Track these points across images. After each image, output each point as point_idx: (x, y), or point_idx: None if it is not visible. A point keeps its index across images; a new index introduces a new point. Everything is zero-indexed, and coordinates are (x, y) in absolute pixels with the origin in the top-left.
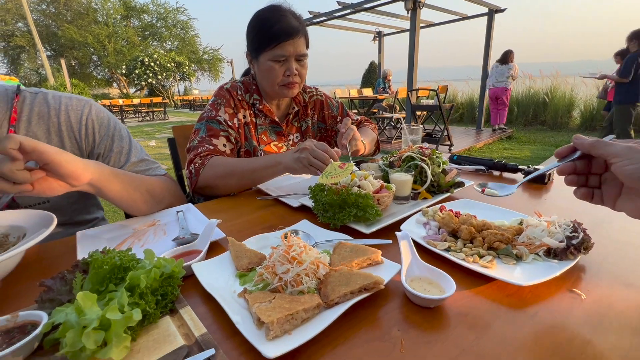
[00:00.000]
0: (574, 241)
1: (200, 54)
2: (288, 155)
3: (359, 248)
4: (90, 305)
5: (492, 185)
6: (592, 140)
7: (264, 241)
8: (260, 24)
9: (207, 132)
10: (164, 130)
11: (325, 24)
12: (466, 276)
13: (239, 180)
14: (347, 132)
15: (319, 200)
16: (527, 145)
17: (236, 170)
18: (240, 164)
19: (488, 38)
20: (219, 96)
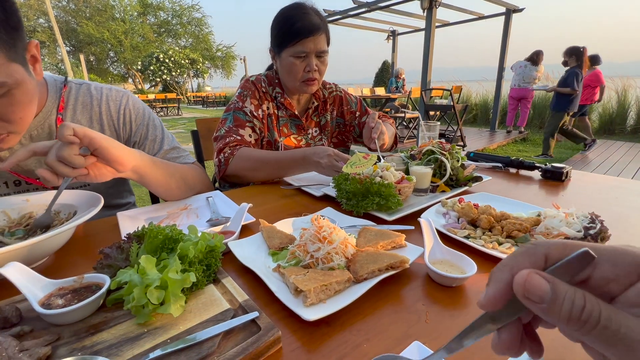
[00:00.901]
0: (591, 231)
1: (213, 51)
2: (310, 159)
3: (384, 232)
4: (151, 268)
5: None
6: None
7: (291, 225)
8: (284, 21)
9: (234, 122)
10: (178, 126)
11: (340, 22)
12: (485, 261)
13: (266, 173)
14: (376, 127)
15: (342, 189)
16: (540, 147)
17: (264, 164)
18: (269, 159)
19: (505, 38)
20: (245, 88)
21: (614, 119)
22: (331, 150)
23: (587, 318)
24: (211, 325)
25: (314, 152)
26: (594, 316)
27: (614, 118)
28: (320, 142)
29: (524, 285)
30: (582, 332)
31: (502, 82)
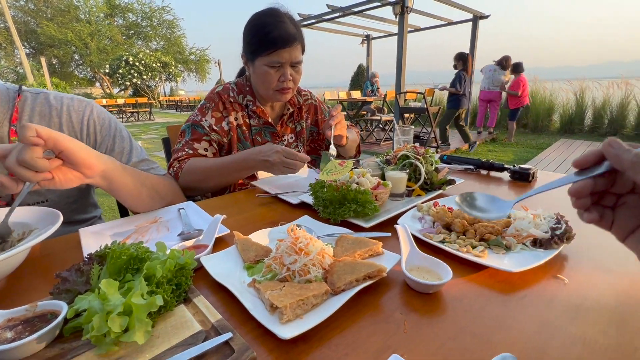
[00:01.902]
0: (557, 232)
1: (186, 54)
2: (257, 159)
3: (361, 240)
4: (113, 292)
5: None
6: (634, 157)
7: (267, 235)
8: (258, 29)
9: (192, 135)
10: (150, 131)
11: (315, 26)
12: (460, 265)
13: (216, 181)
14: (336, 115)
15: (319, 196)
16: (510, 147)
17: (212, 172)
18: (215, 166)
19: (473, 43)
20: (208, 100)
21: (573, 119)
22: (279, 147)
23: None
24: (181, 350)
25: (259, 150)
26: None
27: (573, 118)
28: (297, 149)
29: (610, 141)
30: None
31: (472, 85)
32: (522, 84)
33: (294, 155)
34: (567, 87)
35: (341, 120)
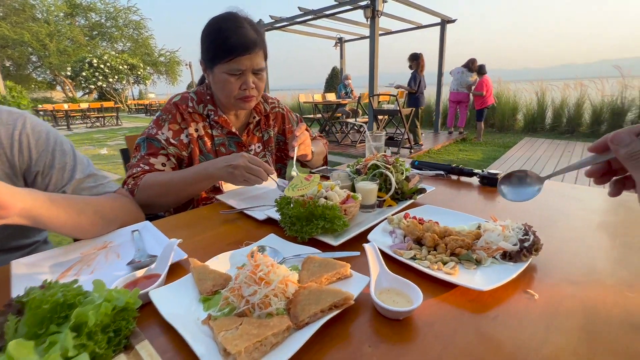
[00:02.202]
0: (525, 244)
1: (155, 56)
2: (219, 166)
3: (328, 262)
4: (25, 355)
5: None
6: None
7: (229, 259)
8: (216, 34)
9: (147, 149)
10: (117, 137)
11: (288, 29)
12: (432, 284)
13: (176, 196)
14: (299, 136)
15: (285, 213)
16: (479, 146)
17: (171, 186)
18: (174, 179)
19: (441, 46)
20: (165, 111)
21: (535, 118)
22: (244, 153)
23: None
24: None
25: (222, 158)
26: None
27: (536, 118)
28: (264, 158)
29: (615, 136)
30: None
31: (442, 86)
32: (486, 85)
33: (259, 162)
34: (529, 87)
35: (305, 140)
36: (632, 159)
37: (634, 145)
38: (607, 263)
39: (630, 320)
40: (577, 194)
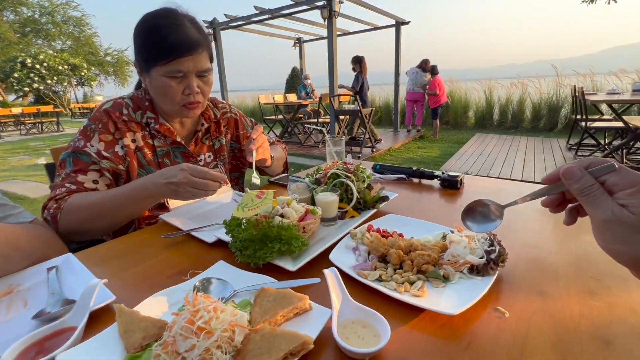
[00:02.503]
0: (492, 255)
1: (101, 56)
2: (158, 182)
3: (284, 294)
4: None
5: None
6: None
7: (168, 298)
8: (151, 33)
9: (74, 165)
10: (58, 144)
11: (244, 28)
12: (399, 308)
13: (110, 219)
14: (257, 139)
15: (236, 236)
16: (436, 143)
17: (103, 209)
18: (105, 201)
19: (397, 47)
20: (94, 120)
21: (485, 115)
22: (185, 165)
23: (588, 192)
24: None
25: (162, 172)
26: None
27: (485, 115)
28: (216, 168)
29: (566, 171)
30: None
31: (399, 86)
32: (438, 84)
33: (203, 173)
34: (478, 86)
35: (263, 143)
36: (583, 194)
37: (585, 180)
38: (569, 268)
39: (598, 334)
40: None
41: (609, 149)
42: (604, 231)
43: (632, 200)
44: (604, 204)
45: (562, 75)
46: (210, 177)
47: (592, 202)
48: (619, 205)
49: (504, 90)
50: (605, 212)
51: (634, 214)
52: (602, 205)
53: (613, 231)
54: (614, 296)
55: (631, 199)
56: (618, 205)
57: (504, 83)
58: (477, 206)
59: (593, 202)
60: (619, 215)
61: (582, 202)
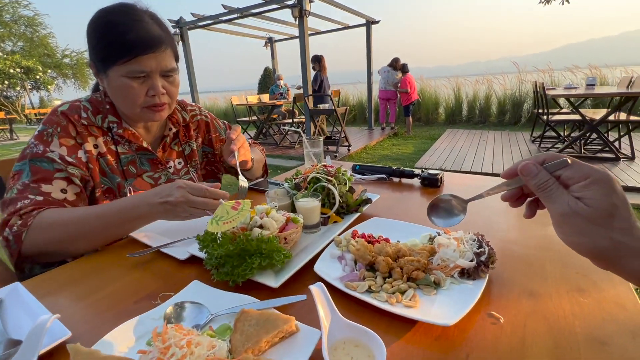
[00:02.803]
0: (482, 257)
1: (58, 58)
2: (152, 202)
3: (267, 317)
4: None
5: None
6: (537, 184)
7: (134, 329)
8: (107, 29)
9: (33, 175)
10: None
11: (213, 28)
12: (391, 320)
13: (88, 240)
14: (237, 139)
15: (211, 253)
16: (410, 140)
17: (83, 230)
18: (87, 220)
19: (368, 46)
20: (49, 123)
21: (454, 111)
22: (182, 182)
23: (544, 186)
24: None
25: (156, 192)
26: (550, 187)
27: (454, 110)
28: (187, 175)
29: (523, 167)
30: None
31: (372, 84)
32: (409, 82)
33: (202, 191)
34: (446, 84)
35: (244, 144)
36: (540, 189)
37: (541, 176)
38: (555, 265)
39: (593, 335)
40: None
41: (569, 141)
42: (563, 224)
43: (586, 192)
44: (561, 198)
45: (524, 71)
46: (210, 195)
47: (549, 196)
48: (574, 198)
49: (471, 86)
50: (562, 206)
51: (588, 205)
52: (559, 199)
53: (571, 224)
54: (602, 291)
55: (585, 191)
56: (574, 199)
57: (470, 80)
58: (441, 202)
59: (550, 196)
60: (575, 208)
61: (540, 197)
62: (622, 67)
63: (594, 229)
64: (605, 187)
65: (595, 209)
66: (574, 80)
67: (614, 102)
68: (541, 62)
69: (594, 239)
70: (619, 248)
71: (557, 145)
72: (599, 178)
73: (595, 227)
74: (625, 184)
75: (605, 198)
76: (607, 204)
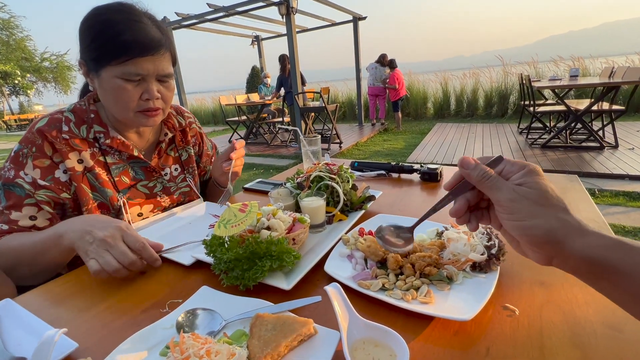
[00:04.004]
0: (493, 250)
1: (37, 61)
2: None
3: (284, 321)
4: None
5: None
6: (479, 174)
7: (145, 339)
8: (104, 28)
9: (6, 200)
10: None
11: (198, 27)
12: (407, 318)
13: (29, 269)
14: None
15: (219, 257)
16: (400, 135)
17: (21, 256)
18: (24, 247)
19: (356, 42)
20: (25, 143)
21: (442, 105)
22: (125, 225)
23: (487, 175)
24: None
25: (88, 218)
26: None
27: (442, 105)
28: (184, 182)
29: (462, 160)
30: (483, 183)
31: (360, 81)
32: (397, 78)
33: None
34: (434, 78)
35: (241, 157)
36: (484, 178)
37: (481, 167)
38: None
39: (608, 323)
40: None
41: (555, 131)
42: (514, 211)
43: (526, 179)
44: (505, 186)
45: (508, 64)
46: (145, 256)
47: (493, 185)
48: (517, 185)
49: (458, 81)
50: (509, 192)
51: (532, 188)
52: (503, 187)
53: (521, 208)
54: None
55: (525, 177)
56: (517, 185)
57: (457, 74)
58: (385, 232)
59: (494, 185)
60: (521, 192)
61: (485, 188)
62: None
63: (543, 210)
64: (539, 175)
65: (537, 190)
66: (557, 71)
67: (596, 93)
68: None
69: (545, 220)
70: (566, 227)
71: (544, 135)
72: (532, 168)
73: (543, 208)
74: (610, 171)
75: (542, 182)
76: (545, 186)
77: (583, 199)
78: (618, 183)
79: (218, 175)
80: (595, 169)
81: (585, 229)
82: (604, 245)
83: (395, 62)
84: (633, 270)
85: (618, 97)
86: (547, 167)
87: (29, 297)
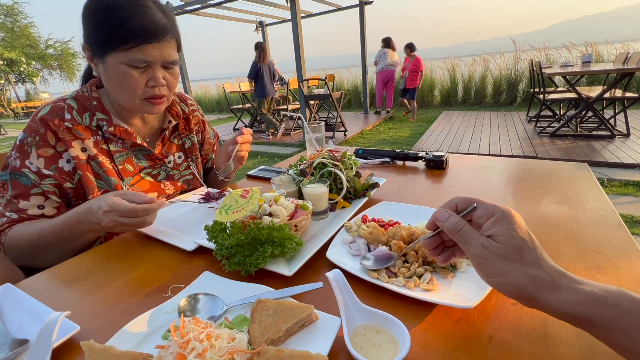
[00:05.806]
0: None
1: (41, 48)
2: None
3: (285, 306)
4: None
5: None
6: (449, 227)
7: (148, 322)
8: (111, 12)
9: (13, 189)
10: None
11: (201, 12)
12: (409, 305)
13: (52, 253)
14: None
15: (220, 243)
16: (406, 123)
17: (42, 241)
18: (45, 232)
19: (362, 27)
20: (29, 132)
21: (449, 93)
22: (110, 204)
23: (457, 228)
24: None
25: (89, 208)
26: (463, 229)
27: (450, 92)
28: (188, 170)
29: (435, 213)
30: (455, 236)
31: (367, 67)
32: (420, 63)
33: (134, 211)
34: (441, 65)
35: (247, 143)
36: (455, 231)
37: (452, 219)
38: (570, 243)
39: None
40: (514, 167)
41: (565, 119)
42: (483, 267)
43: (495, 229)
44: (475, 240)
45: (519, 50)
46: (142, 214)
47: (464, 239)
48: (486, 238)
49: (466, 67)
50: (477, 248)
51: (499, 242)
52: (473, 241)
53: (488, 266)
54: (619, 269)
55: (494, 227)
56: (486, 238)
57: (465, 61)
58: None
59: (465, 239)
60: (489, 248)
61: (457, 240)
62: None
63: (510, 266)
64: (509, 222)
65: (505, 245)
66: (569, 58)
67: (609, 79)
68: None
69: (514, 277)
70: (536, 283)
71: (553, 124)
72: (501, 214)
73: (510, 264)
74: (620, 161)
75: (511, 232)
76: (514, 237)
77: (593, 188)
78: (628, 172)
79: (220, 162)
80: (606, 158)
81: (557, 284)
82: (577, 302)
83: (414, 46)
84: (611, 324)
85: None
86: (556, 156)
87: (33, 281)
